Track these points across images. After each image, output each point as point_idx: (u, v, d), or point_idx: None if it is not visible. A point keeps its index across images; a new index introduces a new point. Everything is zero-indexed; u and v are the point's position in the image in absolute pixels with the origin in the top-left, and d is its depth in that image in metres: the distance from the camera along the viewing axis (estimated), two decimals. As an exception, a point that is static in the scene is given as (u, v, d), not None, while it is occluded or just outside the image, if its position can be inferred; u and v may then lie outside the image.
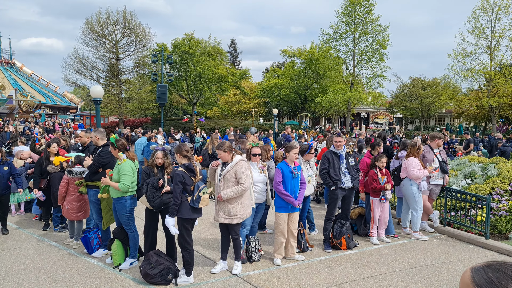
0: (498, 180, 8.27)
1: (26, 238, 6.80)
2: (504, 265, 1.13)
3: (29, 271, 5.29)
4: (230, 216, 5.06)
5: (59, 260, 5.68)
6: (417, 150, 6.87)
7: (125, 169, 5.24)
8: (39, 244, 6.44)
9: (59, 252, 6.04)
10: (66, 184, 6.22)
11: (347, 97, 29.12)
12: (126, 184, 5.15)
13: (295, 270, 5.41)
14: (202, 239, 6.72)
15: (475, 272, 1.14)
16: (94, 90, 10.98)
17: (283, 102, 43.02)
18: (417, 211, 6.85)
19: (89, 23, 29.25)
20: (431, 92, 42.34)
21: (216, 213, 5.18)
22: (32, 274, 5.17)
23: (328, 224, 6.31)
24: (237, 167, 5.03)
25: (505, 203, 7.47)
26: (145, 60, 31.51)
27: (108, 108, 31.22)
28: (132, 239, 5.42)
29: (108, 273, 5.23)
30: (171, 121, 35.38)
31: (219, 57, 35.96)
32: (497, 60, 27.51)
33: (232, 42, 67.32)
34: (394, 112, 46.09)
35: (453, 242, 6.84)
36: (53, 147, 7.33)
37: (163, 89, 25.61)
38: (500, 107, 29.06)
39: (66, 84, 32.38)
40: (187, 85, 34.68)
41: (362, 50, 29.63)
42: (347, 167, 6.27)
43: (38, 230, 7.26)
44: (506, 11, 26.24)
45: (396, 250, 6.31)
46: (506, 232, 6.88)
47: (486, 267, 1.14)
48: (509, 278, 1.08)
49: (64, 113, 66.13)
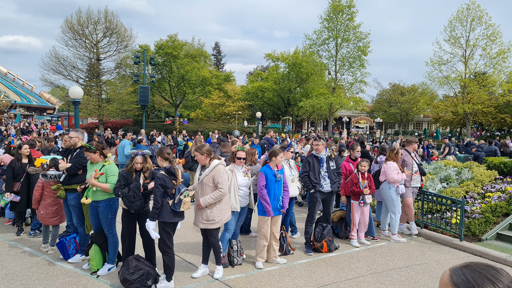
0: (471, 183, 8.57)
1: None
2: (480, 266, 1.19)
3: (1, 278, 5.09)
4: (208, 221, 5.01)
5: (33, 267, 5.51)
6: (395, 154, 7.05)
7: (113, 170, 5.19)
8: (12, 250, 6.22)
9: (33, 258, 5.85)
10: (41, 188, 6.04)
11: (330, 102, 29.52)
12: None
13: (276, 273, 5.43)
14: (184, 243, 6.67)
15: (453, 272, 1.19)
16: (73, 90, 10.75)
17: (267, 106, 43.20)
18: (395, 214, 7.01)
19: (69, 22, 28.65)
20: (409, 98, 43.43)
21: (195, 218, 5.15)
22: (4, 281, 4.98)
23: (309, 227, 6.37)
24: (214, 172, 4.99)
25: (478, 206, 7.74)
26: (126, 61, 31.05)
27: (88, 109, 30.56)
28: (113, 243, 5.32)
29: (85, 279, 5.11)
30: (153, 123, 34.97)
31: (203, 60, 35.83)
32: (471, 68, 28.53)
33: (216, 45, 67.16)
34: (374, 117, 47.01)
35: (429, 244, 7.03)
36: (24, 149, 7.10)
37: (145, 91, 25.29)
38: (474, 114, 30.07)
39: (44, 84, 31.61)
40: (170, 87, 34.39)
41: (344, 56, 30.13)
42: (327, 170, 6.36)
43: (11, 235, 7.01)
44: (480, 22, 27.27)
45: (375, 253, 6.43)
46: (479, 234, 7.12)
47: (463, 267, 1.19)
48: (484, 278, 1.14)
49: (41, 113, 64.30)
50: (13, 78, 70.00)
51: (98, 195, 5.18)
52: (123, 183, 4.97)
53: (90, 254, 5.28)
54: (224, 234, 5.65)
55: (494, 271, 1.17)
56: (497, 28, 26.89)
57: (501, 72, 27.49)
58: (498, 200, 7.82)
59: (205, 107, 44.65)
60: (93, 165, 5.35)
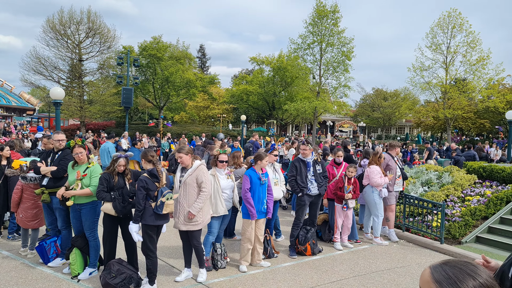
0: (452, 187, 8.77)
1: (-26, 247, 6.35)
2: (459, 262, 1.24)
3: (-22, 283, 4.94)
4: (190, 222, 4.95)
5: (12, 271, 5.35)
6: (378, 158, 7.16)
7: (97, 171, 5.11)
8: (-10, 254, 6.04)
9: (11, 262, 5.69)
10: (20, 191, 5.88)
11: (314, 106, 29.76)
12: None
13: (260, 276, 5.43)
14: (167, 246, 6.59)
15: (434, 269, 1.23)
16: (54, 91, 10.50)
17: (252, 109, 43.27)
18: (378, 217, 7.11)
19: (50, 21, 28.09)
20: (392, 103, 44.28)
21: (175, 220, 5.03)
22: (-19, 286, 4.84)
23: (296, 231, 6.40)
24: (198, 172, 4.98)
25: (458, 210, 7.93)
26: (110, 62, 30.63)
27: (69, 111, 29.97)
28: (94, 246, 5.21)
29: (65, 283, 4.99)
30: (136, 125, 34.50)
31: (187, 62, 35.63)
32: (452, 75, 29.24)
33: (201, 48, 66.91)
34: (358, 121, 47.71)
35: (411, 247, 7.15)
36: (6, 151, 6.91)
37: (128, 92, 24.96)
38: (455, 119, 30.85)
39: (24, 85, 30.79)
40: (154, 89, 34.03)
41: (328, 60, 30.46)
42: (314, 174, 6.41)
43: (-11, 238, 6.81)
44: (460, 29, 28.02)
45: (358, 255, 6.50)
46: (459, 237, 7.29)
47: (444, 264, 1.23)
48: (464, 273, 1.19)
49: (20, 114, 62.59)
50: (-9, 78, 67.94)
51: (82, 198, 5.08)
52: (106, 186, 4.88)
53: (71, 258, 5.16)
54: (207, 237, 5.62)
55: (473, 267, 1.21)
56: (477, 36, 27.66)
57: (480, 78, 28.26)
58: (477, 204, 8.03)
59: (190, 109, 44.38)
60: (75, 167, 5.22)
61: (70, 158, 5.42)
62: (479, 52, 27.60)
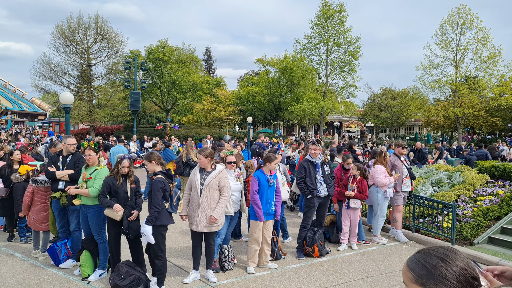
0: (463, 187, 8.64)
1: (-13, 250, 6.46)
2: (429, 248, 1.27)
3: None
4: (211, 224, 5.06)
5: (24, 272, 5.43)
6: (383, 157, 7.09)
7: (102, 174, 5.14)
8: (3, 256, 6.12)
9: (24, 264, 5.77)
10: (31, 194, 5.97)
11: (320, 106, 29.66)
12: (97, 189, 5.00)
13: (268, 278, 5.41)
14: (174, 248, 6.61)
15: (409, 260, 1.27)
16: (64, 96, 10.63)
17: (258, 111, 43.28)
18: (378, 216, 7.13)
19: (59, 28, 28.47)
20: (400, 102, 43.87)
21: (196, 222, 5.02)
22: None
23: (303, 232, 6.36)
24: (221, 176, 5.10)
25: (469, 210, 7.80)
26: (117, 67, 30.91)
27: (79, 115, 30.33)
28: (103, 248, 5.26)
29: (76, 285, 5.04)
30: (144, 129, 34.76)
31: (193, 65, 35.78)
32: (462, 72, 28.84)
33: (207, 50, 67.24)
34: (365, 121, 47.36)
35: (421, 248, 7.05)
36: (16, 155, 7.02)
37: (136, 96, 25.17)
38: (465, 117, 30.44)
39: (35, 90, 31.25)
40: (161, 92, 34.25)
41: (334, 60, 30.34)
42: (323, 175, 6.37)
43: (2, 241, 6.91)
44: (470, 26, 27.64)
45: (367, 257, 6.44)
46: (471, 237, 7.17)
47: (417, 253, 1.28)
48: (432, 255, 1.21)
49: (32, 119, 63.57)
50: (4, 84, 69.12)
51: (87, 200, 5.14)
52: (106, 191, 4.91)
53: (81, 259, 5.23)
54: (215, 239, 5.63)
55: (447, 252, 1.23)
56: (487, 32, 27.23)
57: (491, 75, 27.81)
58: (489, 204, 7.89)
59: (196, 112, 44.58)
60: (87, 168, 5.31)
61: (83, 161, 5.52)
62: (490, 49, 27.20)
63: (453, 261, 1.18)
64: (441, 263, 1.18)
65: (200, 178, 5.09)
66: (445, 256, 1.19)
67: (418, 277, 1.18)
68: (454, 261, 1.18)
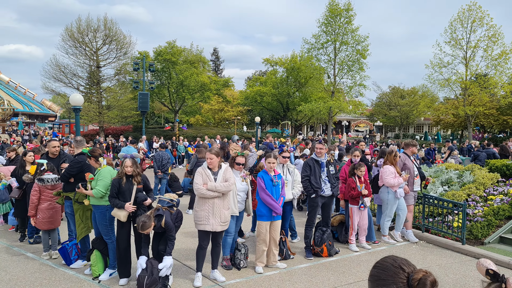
0: (473, 186, 8.54)
1: (1, 249, 6.58)
2: (379, 261, 1.51)
3: (5, 283, 5.11)
4: (225, 222, 5.15)
5: (36, 272, 5.52)
6: (394, 157, 7.03)
7: (103, 174, 5.17)
8: (15, 256, 6.23)
9: (36, 264, 5.87)
10: (38, 193, 6.01)
11: (329, 106, 29.51)
12: (100, 190, 5.05)
13: (276, 278, 5.42)
14: (183, 249, 6.65)
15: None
16: (74, 98, 10.78)
17: (266, 110, 43.27)
18: (387, 216, 7.10)
19: (69, 30, 28.84)
20: (409, 101, 43.45)
21: (211, 221, 5.01)
22: (8, 287, 5.00)
23: (309, 232, 6.36)
24: (227, 172, 5.20)
25: (480, 209, 7.71)
26: (126, 68, 31.20)
27: (88, 116, 30.69)
28: (112, 248, 5.31)
29: (87, 284, 5.11)
30: (153, 129, 35.02)
31: (201, 65, 35.94)
32: (472, 70, 28.46)
33: (215, 51, 67.36)
34: (374, 120, 47.02)
35: (431, 248, 7.00)
36: (29, 156, 7.14)
37: (144, 97, 25.37)
38: (476, 116, 30.03)
39: (45, 92, 31.89)
40: (169, 93, 34.46)
41: (342, 59, 30.17)
42: (328, 175, 6.36)
43: (15, 241, 7.04)
44: (481, 23, 27.27)
45: (376, 257, 6.40)
46: (482, 237, 7.09)
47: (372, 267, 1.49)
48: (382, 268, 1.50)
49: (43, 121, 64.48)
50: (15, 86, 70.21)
51: (93, 200, 5.23)
52: (114, 192, 4.98)
53: (92, 259, 5.29)
54: (225, 238, 5.66)
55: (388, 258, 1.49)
56: (498, 29, 26.83)
57: (502, 73, 27.39)
58: (500, 203, 7.79)
59: (204, 112, 44.74)
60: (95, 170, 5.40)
61: (73, 165, 5.63)
62: (501, 46, 26.81)
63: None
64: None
65: (215, 181, 5.10)
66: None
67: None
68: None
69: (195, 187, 5.05)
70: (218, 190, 4.99)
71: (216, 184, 4.99)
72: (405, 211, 7.13)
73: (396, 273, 1.43)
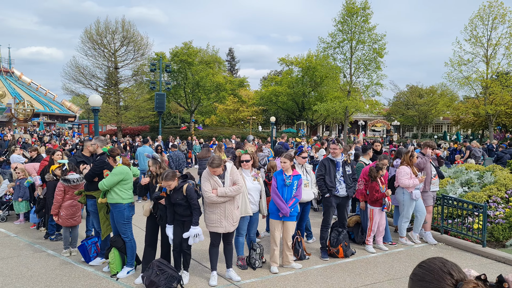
0: (494, 187, 8.31)
1: (23, 246, 6.79)
2: (425, 261, 1.41)
3: (27, 279, 5.27)
4: (236, 222, 5.23)
5: (56, 269, 5.67)
6: (410, 157, 6.89)
7: (115, 171, 5.33)
8: (37, 253, 6.42)
9: (56, 261, 6.03)
10: (62, 192, 6.17)
11: (345, 105, 29.22)
12: (103, 183, 5.21)
13: (292, 278, 5.41)
14: (198, 248, 6.70)
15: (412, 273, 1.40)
16: (93, 98, 11.02)
17: (281, 110, 43.17)
18: (406, 218, 6.98)
19: (88, 32, 29.46)
20: (428, 100, 42.59)
21: (224, 224, 5.05)
22: (30, 283, 5.16)
23: (325, 232, 6.31)
24: (232, 173, 5.17)
25: (501, 211, 7.50)
26: (143, 69, 31.68)
27: (107, 117, 31.33)
28: (130, 247, 5.42)
29: (105, 281, 5.22)
30: (169, 129, 35.45)
31: (217, 66, 36.15)
32: (493, 68, 27.67)
33: (230, 51, 67.72)
34: (391, 119, 46.28)
35: (450, 250, 6.86)
36: (57, 155, 7.36)
37: (161, 98, 25.70)
38: (497, 115, 29.21)
39: (65, 93, 32.90)
40: (185, 94, 34.80)
41: (359, 58, 29.81)
42: (343, 175, 6.29)
43: (36, 239, 7.24)
44: (502, 20, 26.50)
45: (393, 258, 6.32)
46: (503, 239, 6.90)
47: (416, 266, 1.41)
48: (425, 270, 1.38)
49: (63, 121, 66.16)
50: (36, 88, 72.29)
51: (110, 199, 5.37)
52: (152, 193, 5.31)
53: (110, 257, 5.41)
54: (237, 238, 5.69)
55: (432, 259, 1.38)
56: (521, 26, 26.05)
57: (526, 71, 26.63)
58: (522, 205, 7.57)
59: (220, 112, 44.98)
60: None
61: (98, 164, 5.74)
62: (524, 44, 25.98)
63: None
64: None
65: (223, 184, 5.12)
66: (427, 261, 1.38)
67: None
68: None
69: (205, 194, 4.98)
70: (228, 195, 4.99)
71: (226, 190, 4.97)
72: (423, 213, 6.99)
73: (442, 277, 1.31)
